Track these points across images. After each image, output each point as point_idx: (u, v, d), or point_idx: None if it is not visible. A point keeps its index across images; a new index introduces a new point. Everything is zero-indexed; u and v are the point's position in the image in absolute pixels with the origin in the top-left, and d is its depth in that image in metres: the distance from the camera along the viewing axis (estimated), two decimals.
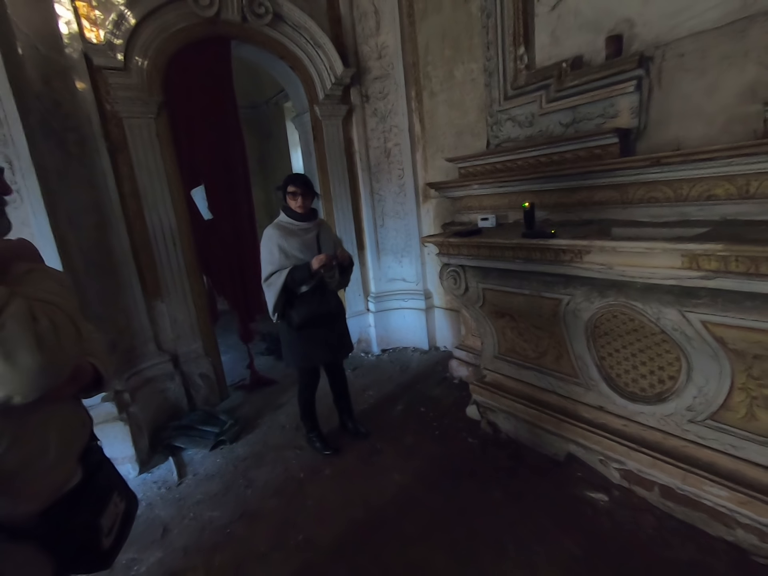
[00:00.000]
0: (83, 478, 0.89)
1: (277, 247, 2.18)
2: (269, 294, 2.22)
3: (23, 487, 0.77)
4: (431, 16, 3.21)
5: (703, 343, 1.57)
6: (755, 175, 1.67)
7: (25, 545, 0.76)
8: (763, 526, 1.54)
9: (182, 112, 2.85)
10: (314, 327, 2.25)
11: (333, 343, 2.37)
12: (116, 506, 0.96)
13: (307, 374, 2.44)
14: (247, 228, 3.25)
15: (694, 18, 1.94)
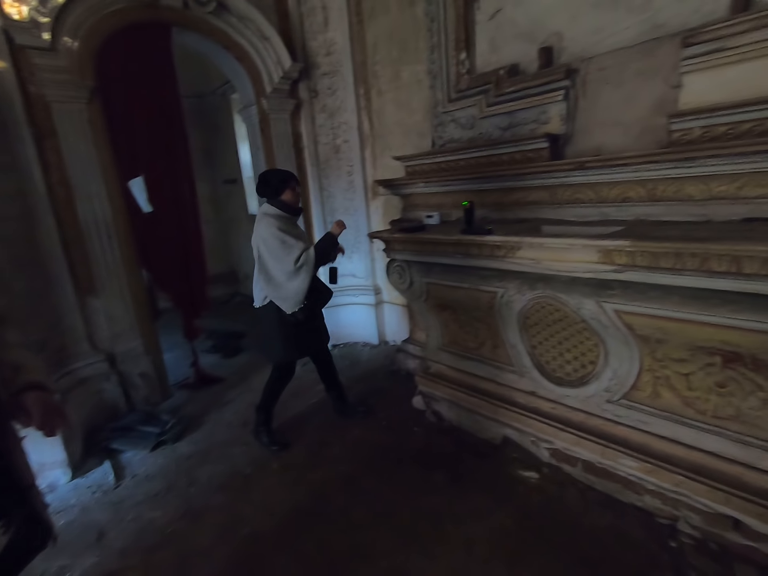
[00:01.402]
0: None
1: (287, 234, 2.18)
2: (302, 277, 2.17)
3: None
4: (379, 17, 3.27)
5: (616, 330, 1.74)
6: (661, 180, 1.87)
7: None
8: (664, 491, 1.74)
9: (118, 99, 2.72)
10: (310, 319, 2.30)
11: (321, 333, 2.49)
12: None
13: (288, 368, 2.49)
14: (191, 221, 3.15)
15: (613, 36, 2.13)
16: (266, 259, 2.20)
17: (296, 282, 2.17)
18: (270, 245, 2.17)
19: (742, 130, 1.68)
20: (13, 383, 0.85)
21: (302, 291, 2.19)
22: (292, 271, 2.16)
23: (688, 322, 1.52)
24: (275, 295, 2.24)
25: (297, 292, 2.19)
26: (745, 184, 1.68)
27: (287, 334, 2.30)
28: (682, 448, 1.73)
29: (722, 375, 1.58)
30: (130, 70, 2.74)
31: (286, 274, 2.17)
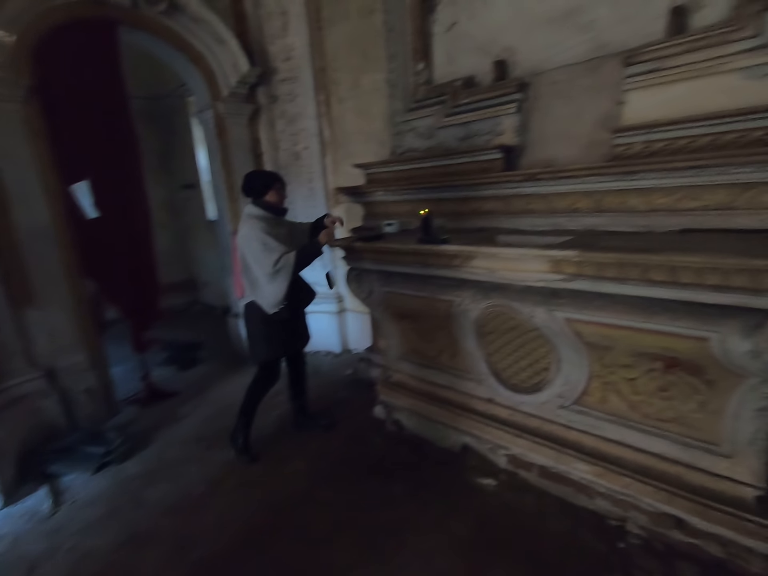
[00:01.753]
0: None
1: (269, 236, 2.17)
2: (280, 281, 2.16)
3: None
4: (339, 24, 3.27)
5: (566, 337, 1.79)
6: (607, 192, 1.95)
7: None
8: (614, 493, 1.79)
9: (60, 99, 2.56)
10: (292, 318, 2.31)
11: (303, 332, 2.51)
12: None
13: (273, 368, 2.44)
14: (142, 228, 3.01)
15: (563, 52, 2.22)
16: (248, 259, 2.23)
17: (274, 284, 2.17)
18: (252, 247, 2.18)
19: (677, 146, 1.77)
20: None
21: (280, 293, 2.18)
22: (271, 274, 2.15)
23: (631, 329, 1.58)
24: (256, 295, 2.26)
25: (275, 293, 2.19)
26: (682, 197, 1.77)
27: (270, 332, 2.31)
28: (629, 450, 1.79)
29: (664, 379, 1.64)
30: (73, 69, 2.59)
31: (265, 276, 2.17)
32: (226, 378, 3.49)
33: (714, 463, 1.60)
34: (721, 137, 1.69)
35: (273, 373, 2.46)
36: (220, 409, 2.99)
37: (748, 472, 1.53)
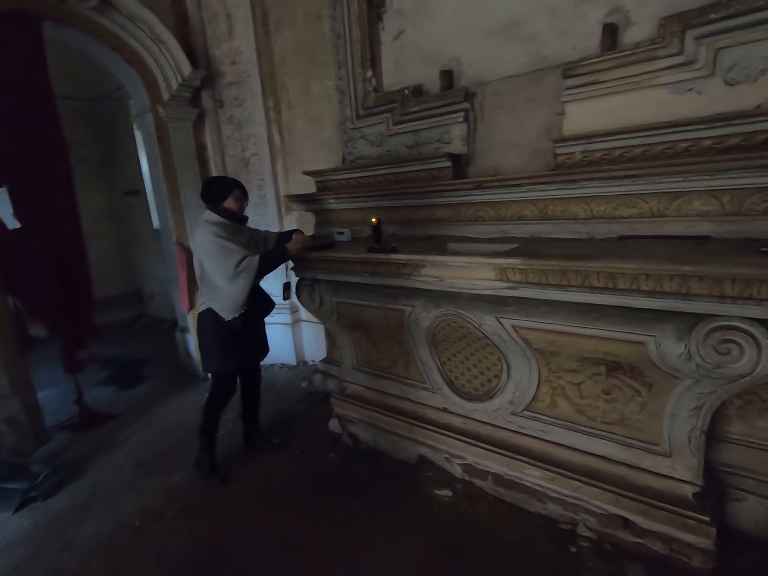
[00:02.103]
0: None
1: (227, 240, 2.07)
2: (241, 283, 2.04)
3: None
4: (286, 29, 3.20)
5: (515, 344, 1.80)
6: (550, 200, 2.00)
7: None
8: (565, 497, 1.81)
9: None
10: (248, 328, 2.18)
11: (260, 344, 2.41)
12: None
13: (228, 380, 2.32)
14: (72, 239, 2.78)
15: (505, 64, 2.26)
16: (206, 265, 2.11)
17: (236, 286, 2.05)
18: (209, 250, 2.07)
19: (614, 156, 1.84)
20: None
21: (242, 296, 2.06)
22: (232, 276, 2.03)
23: (575, 335, 1.61)
24: (215, 301, 2.13)
25: (236, 296, 2.06)
26: (619, 205, 1.84)
27: (224, 343, 2.18)
28: (578, 454, 1.81)
29: (607, 383, 1.68)
30: None
31: (226, 279, 2.05)
32: (172, 396, 3.27)
33: (655, 462, 1.65)
34: (652, 148, 1.77)
35: (228, 385, 2.33)
36: (163, 430, 2.80)
37: (686, 470, 1.59)
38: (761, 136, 1.55)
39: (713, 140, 1.64)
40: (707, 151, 1.66)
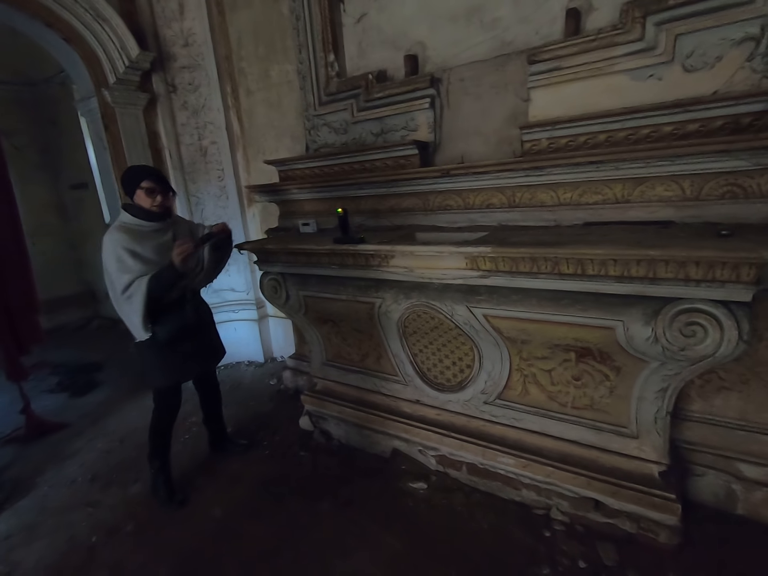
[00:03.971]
0: None
1: (128, 252, 1.80)
2: (131, 309, 1.81)
3: None
4: (242, 10, 3.03)
5: (486, 333, 1.78)
6: (518, 187, 1.98)
7: None
8: (538, 483, 1.83)
9: None
10: (182, 339, 1.95)
11: (204, 353, 2.13)
12: None
13: (170, 395, 2.07)
14: (8, 236, 2.54)
15: (469, 49, 2.22)
16: (106, 279, 1.87)
17: (128, 310, 1.82)
18: (105, 262, 1.82)
19: (579, 143, 1.84)
20: None
21: (137, 321, 1.82)
22: (120, 298, 1.81)
23: (545, 322, 1.60)
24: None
25: (131, 321, 1.85)
26: (584, 192, 1.85)
27: (158, 357, 1.95)
28: (550, 440, 1.83)
29: (577, 369, 1.70)
30: None
31: (116, 300, 1.84)
32: (129, 402, 3.08)
33: (624, 444, 1.68)
34: (615, 134, 1.78)
35: (171, 400, 2.10)
36: (119, 438, 2.63)
37: (652, 450, 1.63)
38: (718, 122, 1.58)
39: (673, 126, 1.66)
40: (667, 137, 1.68)
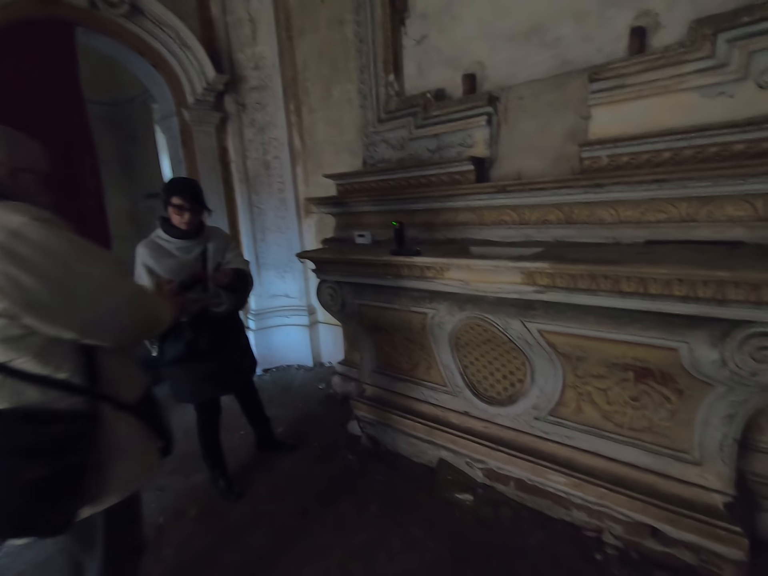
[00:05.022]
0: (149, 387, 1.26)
1: (145, 269, 1.82)
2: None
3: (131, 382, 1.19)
4: (309, 34, 3.24)
5: (540, 348, 1.79)
6: (576, 204, 1.98)
7: (131, 415, 1.14)
8: (590, 504, 1.79)
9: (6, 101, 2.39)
10: (197, 360, 1.94)
11: (225, 374, 2.07)
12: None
13: (202, 409, 2.15)
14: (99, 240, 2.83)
15: (528, 68, 2.26)
16: None
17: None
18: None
19: (641, 161, 1.83)
20: None
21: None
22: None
23: (603, 340, 1.60)
24: None
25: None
26: (646, 210, 1.82)
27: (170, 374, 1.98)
28: (603, 460, 1.79)
29: (635, 389, 1.66)
30: (22, 71, 2.43)
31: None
32: None
33: (684, 470, 1.62)
34: (681, 152, 1.75)
35: (205, 414, 2.16)
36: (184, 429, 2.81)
37: (717, 479, 1.56)
38: None
39: (745, 144, 1.62)
40: (738, 156, 1.63)
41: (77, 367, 1.02)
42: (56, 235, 0.94)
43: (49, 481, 0.96)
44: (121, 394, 1.12)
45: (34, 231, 0.92)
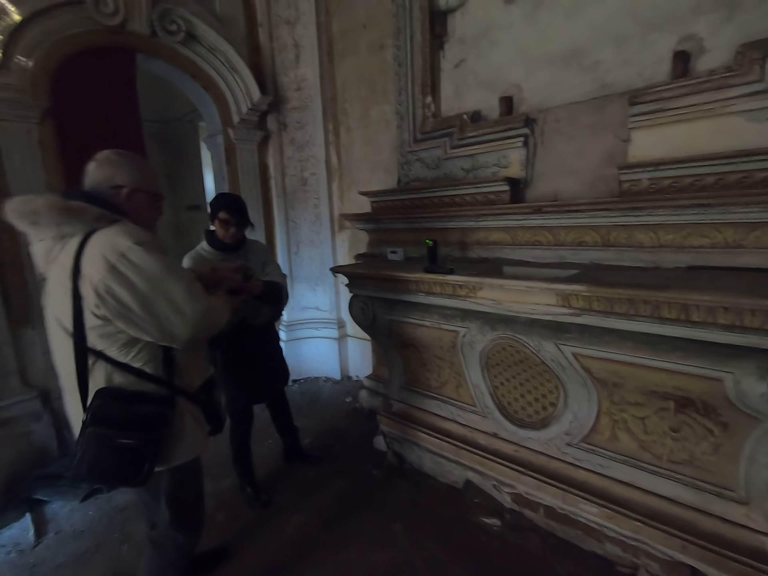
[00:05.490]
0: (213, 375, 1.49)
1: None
2: None
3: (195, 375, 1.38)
4: (349, 57, 3.37)
5: (575, 372, 1.75)
6: (613, 227, 1.96)
7: (194, 401, 1.36)
8: (624, 538, 1.72)
9: (74, 122, 2.60)
10: (234, 366, 2.06)
11: (261, 383, 2.18)
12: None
13: (236, 417, 2.21)
14: None
15: (566, 91, 2.27)
16: None
17: None
18: None
19: (684, 184, 1.79)
20: None
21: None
22: None
23: (641, 366, 1.55)
24: None
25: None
26: (689, 234, 1.78)
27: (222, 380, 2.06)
28: (639, 493, 1.72)
29: (675, 420, 1.60)
30: (89, 94, 2.64)
31: None
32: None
33: (729, 509, 1.54)
34: (726, 177, 1.71)
35: (242, 419, 2.23)
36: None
37: (765, 521, 1.47)
38: None
39: None
40: None
41: (154, 359, 1.23)
42: (151, 258, 1.15)
43: (135, 449, 1.18)
44: (189, 383, 1.35)
45: (135, 254, 1.13)
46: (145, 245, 1.16)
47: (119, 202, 1.25)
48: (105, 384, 1.19)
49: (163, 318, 1.17)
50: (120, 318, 1.14)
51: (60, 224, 1.13)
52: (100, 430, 1.16)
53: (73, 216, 1.14)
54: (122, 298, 1.12)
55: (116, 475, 1.21)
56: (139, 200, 1.29)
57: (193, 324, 1.20)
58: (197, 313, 1.20)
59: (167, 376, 1.26)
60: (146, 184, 1.31)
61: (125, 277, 1.12)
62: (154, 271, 1.15)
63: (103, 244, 1.13)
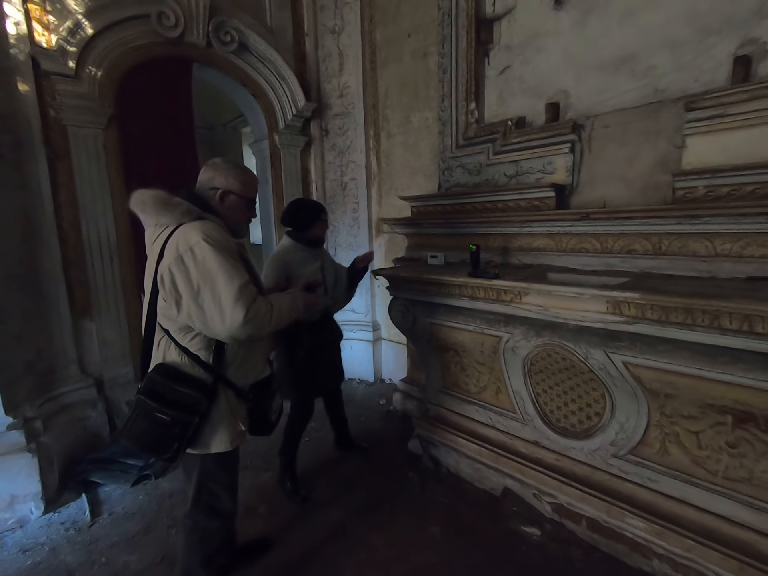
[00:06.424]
0: (269, 375, 1.58)
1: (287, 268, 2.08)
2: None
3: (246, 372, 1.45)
4: (392, 65, 3.43)
5: (624, 382, 1.72)
6: (666, 235, 1.91)
7: (240, 402, 1.44)
8: (675, 556, 1.66)
9: (135, 127, 2.77)
10: (321, 354, 2.25)
11: (338, 369, 2.45)
12: (278, 399, 1.64)
13: (302, 407, 2.35)
14: None
15: (617, 97, 2.24)
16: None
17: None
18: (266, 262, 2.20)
19: (744, 192, 1.73)
20: None
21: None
22: None
23: (698, 378, 1.51)
24: None
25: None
26: (748, 244, 1.72)
27: (294, 371, 2.19)
28: (692, 510, 1.66)
29: (734, 435, 1.54)
30: (149, 101, 2.81)
31: None
32: None
33: None
34: None
35: (305, 410, 2.37)
36: None
37: None
38: None
39: None
40: None
41: (206, 348, 1.33)
42: (212, 255, 1.24)
43: (168, 426, 1.27)
44: (239, 378, 1.42)
45: (200, 249, 1.24)
46: (213, 243, 1.26)
47: (214, 203, 1.39)
48: (163, 360, 1.33)
49: (207, 312, 1.25)
50: (173, 302, 1.26)
51: (158, 214, 1.29)
52: (145, 400, 1.28)
53: (169, 209, 1.29)
54: (178, 284, 1.25)
55: (150, 444, 1.32)
56: (231, 202, 1.41)
57: (230, 326, 1.25)
58: (237, 316, 1.24)
59: (216, 366, 1.35)
60: (240, 189, 1.42)
61: (186, 266, 1.24)
62: (210, 267, 1.24)
63: (181, 236, 1.26)
